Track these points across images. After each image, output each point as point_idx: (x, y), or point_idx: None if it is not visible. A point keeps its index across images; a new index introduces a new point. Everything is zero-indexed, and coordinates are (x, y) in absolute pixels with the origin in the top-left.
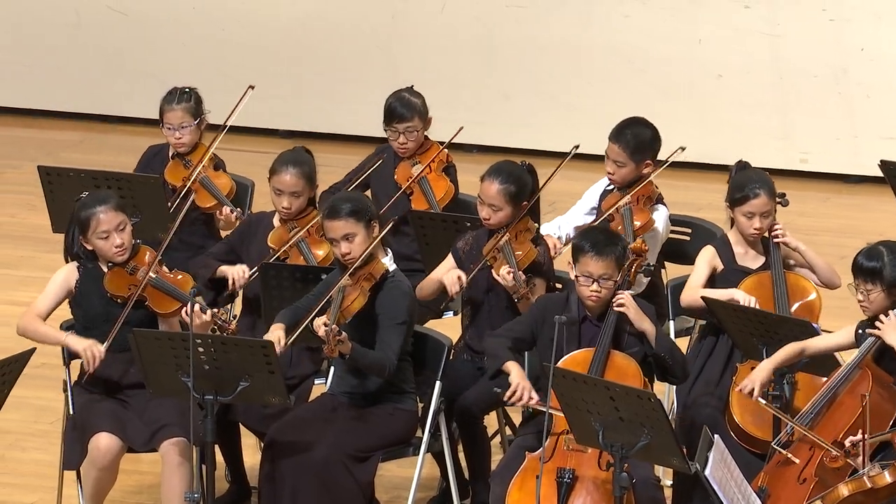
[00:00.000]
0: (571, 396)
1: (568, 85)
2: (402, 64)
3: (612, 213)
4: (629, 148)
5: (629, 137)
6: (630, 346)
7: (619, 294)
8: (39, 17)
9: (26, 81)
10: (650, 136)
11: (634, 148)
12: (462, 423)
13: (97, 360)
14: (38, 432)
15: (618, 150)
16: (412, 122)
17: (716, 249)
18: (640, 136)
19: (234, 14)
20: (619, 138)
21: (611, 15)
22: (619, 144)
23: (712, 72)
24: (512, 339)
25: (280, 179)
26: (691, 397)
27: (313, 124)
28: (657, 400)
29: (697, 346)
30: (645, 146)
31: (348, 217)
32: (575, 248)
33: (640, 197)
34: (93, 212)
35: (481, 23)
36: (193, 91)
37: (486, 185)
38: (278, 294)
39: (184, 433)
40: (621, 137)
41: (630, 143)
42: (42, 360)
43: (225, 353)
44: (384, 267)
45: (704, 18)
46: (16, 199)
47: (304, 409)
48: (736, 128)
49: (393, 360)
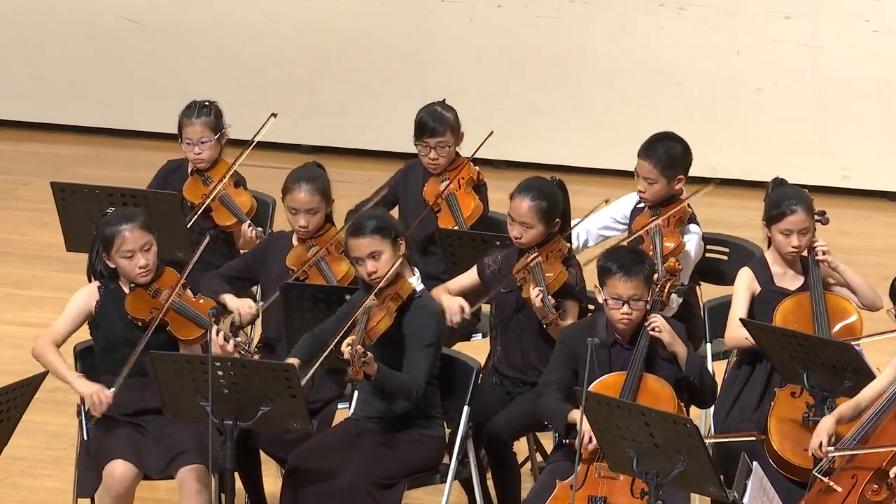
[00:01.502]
0: (604, 422)
1: (600, 99)
2: (429, 77)
3: (642, 235)
4: (660, 164)
5: (659, 153)
6: (662, 369)
7: (653, 318)
8: (53, 27)
9: (37, 94)
10: (681, 151)
11: (665, 164)
12: (491, 450)
13: (104, 405)
14: (50, 459)
15: (648, 167)
16: (444, 136)
17: (752, 271)
18: (671, 151)
19: (254, 25)
20: (649, 154)
21: (645, 26)
22: (650, 161)
23: (751, 85)
24: (559, 389)
25: (294, 198)
26: (729, 423)
27: (337, 139)
28: (693, 425)
29: (734, 373)
30: (676, 161)
31: (373, 234)
32: (601, 270)
33: (671, 219)
34: (118, 229)
35: (511, 34)
36: (213, 105)
37: (517, 203)
38: (300, 315)
39: (202, 460)
40: (651, 153)
41: (661, 158)
42: (55, 383)
43: (245, 377)
44: (411, 287)
45: (742, 30)
46: (27, 216)
47: (327, 435)
48: (775, 143)
49: (421, 383)
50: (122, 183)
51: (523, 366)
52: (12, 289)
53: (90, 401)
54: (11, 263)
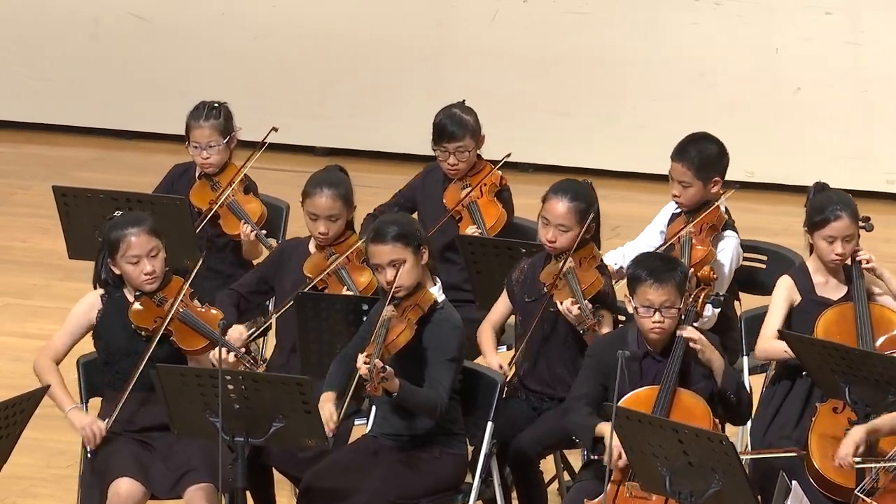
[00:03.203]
0: (636, 439)
1: (630, 100)
2: (449, 77)
3: (674, 242)
4: (694, 166)
5: (693, 155)
6: (697, 382)
7: (686, 329)
8: (55, 25)
9: (38, 94)
10: (716, 152)
11: (700, 166)
12: (516, 468)
13: (97, 438)
14: (52, 477)
15: (682, 170)
16: (464, 141)
17: (793, 279)
18: (705, 153)
19: (266, 22)
20: (683, 156)
21: (677, 23)
22: (683, 163)
23: (789, 85)
24: (588, 404)
25: (315, 203)
26: (767, 440)
27: (353, 141)
28: (730, 443)
29: (773, 388)
30: (711, 163)
31: (395, 241)
32: (631, 278)
33: (703, 225)
34: (124, 233)
35: (536, 31)
36: (223, 106)
37: (553, 205)
38: (316, 326)
39: (211, 478)
40: (685, 155)
41: (694, 160)
42: None
43: (257, 391)
44: (433, 297)
45: (780, 27)
46: (27, 222)
47: (343, 453)
48: (815, 145)
49: (444, 399)
50: (126, 187)
51: (550, 379)
52: (12, 298)
53: (82, 434)
54: (11, 272)
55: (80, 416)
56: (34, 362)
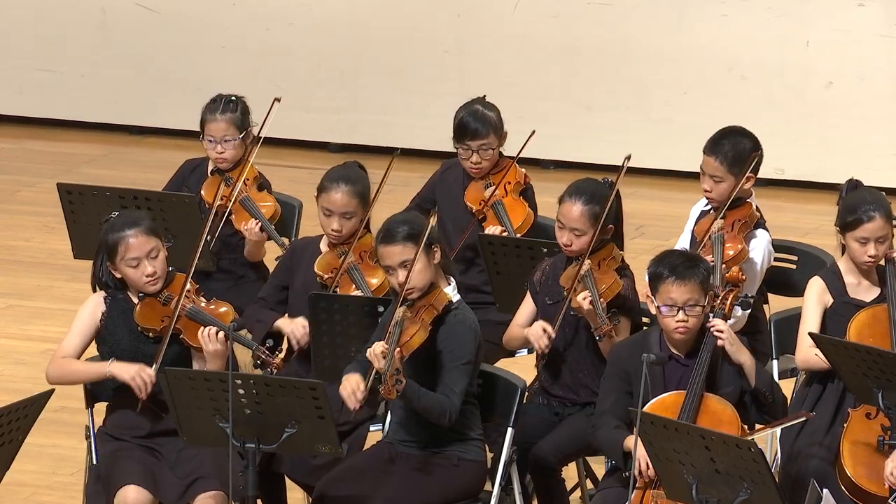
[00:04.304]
0: (661, 446)
1: (657, 93)
2: (470, 70)
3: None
4: (727, 160)
5: (726, 149)
6: (725, 385)
7: (714, 321)
8: (61, 16)
9: (42, 87)
10: (750, 147)
11: (733, 160)
12: (537, 476)
13: (149, 385)
14: (56, 485)
15: (714, 164)
16: (487, 138)
17: (824, 281)
18: (739, 147)
19: (279, 13)
20: (716, 150)
21: (706, 14)
22: (716, 157)
23: (821, 79)
24: (614, 416)
25: (330, 198)
26: (797, 447)
27: (368, 137)
28: (759, 450)
29: (803, 392)
30: (744, 158)
31: (406, 241)
32: (652, 276)
33: (735, 221)
34: (121, 235)
35: (560, 23)
36: (241, 100)
37: (567, 207)
38: (329, 329)
39: (222, 486)
40: (717, 149)
41: (728, 154)
42: (61, 402)
43: (269, 396)
44: (447, 297)
45: (813, 18)
46: (31, 220)
47: (357, 460)
48: (847, 142)
49: (456, 406)
50: (135, 184)
51: (573, 384)
52: (15, 300)
53: (134, 384)
54: (14, 272)
55: (123, 366)
56: (46, 372)
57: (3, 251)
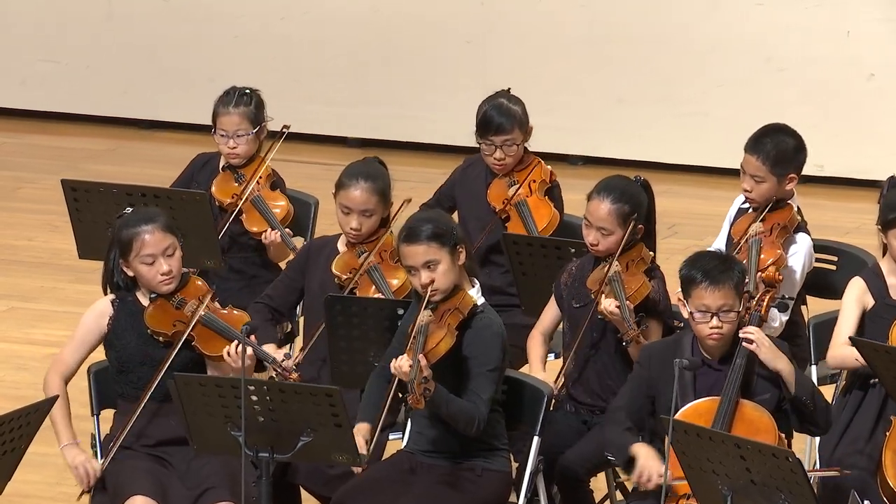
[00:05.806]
0: (694, 456)
1: (691, 86)
2: (493, 61)
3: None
4: (769, 160)
5: (769, 148)
6: (761, 392)
7: (748, 329)
8: (64, 3)
9: (45, 79)
10: (794, 146)
11: (776, 160)
12: (564, 487)
13: (91, 479)
14: (61, 496)
15: (756, 163)
16: (511, 134)
17: (865, 282)
18: (782, 146)
19: (295, 1)
20: (758, 149)
21: (742, 3)
22: (758, 156)
23: (862, 71)
24: (628, 418)
25: (349, 195)
26: (836, 456)
27: (388, 132)
28: (796, 459)
29: (843, 399)
30: (788, 158)
31: (430, 241)
32: (685, 280)
33: (775, 225)
34: (136, 231)
35: (588, 12)
36: (255, 93)
37: (595, 205)
38: (346, 333)
39: (233, 497)
40: (760, 148)
41: (770, 154)
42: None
43: (283, 403)
44: (472, 300)
45: (853, 8)
46: (34, 219)
47: (376, 470)
48: (889, 136)
49: (484, 413)
50: (142, 180)
51: (601, 391)
52: (18, 302)
53: (75, 473)
54: (17, 273)
55: (74, 452)
56: (45, 379)
57: (5, 251)
